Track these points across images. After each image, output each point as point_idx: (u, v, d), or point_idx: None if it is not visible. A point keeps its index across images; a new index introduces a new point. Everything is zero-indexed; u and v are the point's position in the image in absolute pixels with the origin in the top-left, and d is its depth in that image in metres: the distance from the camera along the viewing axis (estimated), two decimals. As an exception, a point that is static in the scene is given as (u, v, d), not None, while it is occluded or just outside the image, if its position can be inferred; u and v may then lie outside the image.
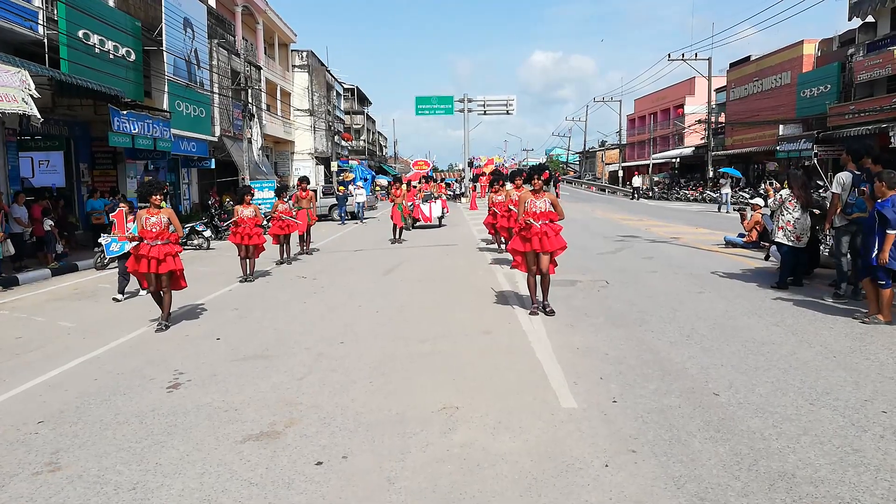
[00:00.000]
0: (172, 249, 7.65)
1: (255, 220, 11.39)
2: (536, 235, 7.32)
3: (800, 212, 8.58)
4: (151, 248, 7.49)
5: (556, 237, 7.43)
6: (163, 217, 7.65)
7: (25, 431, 4.48)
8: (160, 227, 7.58)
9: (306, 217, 15.22)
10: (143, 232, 7.55)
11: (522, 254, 7.56)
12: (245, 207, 11.52)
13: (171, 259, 7.60)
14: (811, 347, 5.90)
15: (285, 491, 3.46)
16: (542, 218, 7.39)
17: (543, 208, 7.43)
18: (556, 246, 7.43)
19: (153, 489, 3.53)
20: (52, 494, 3.52)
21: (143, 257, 7.50)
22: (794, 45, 34.78)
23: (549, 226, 7.41)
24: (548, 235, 7.33)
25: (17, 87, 11.69)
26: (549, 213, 7.45)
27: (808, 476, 3.45)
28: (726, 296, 8.45)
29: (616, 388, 4.94)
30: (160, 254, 7.49)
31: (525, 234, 7.47)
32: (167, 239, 7.62)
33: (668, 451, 3.81)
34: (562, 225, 7.65)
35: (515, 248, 7.62)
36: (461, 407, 4.66)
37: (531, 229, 7.36)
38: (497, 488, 3.44)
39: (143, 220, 7.56)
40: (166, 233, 7.64)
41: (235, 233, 11.38)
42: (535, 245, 7.34)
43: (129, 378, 5.67)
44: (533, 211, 7.42)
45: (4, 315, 9.07)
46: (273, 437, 4.19)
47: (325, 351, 6.35)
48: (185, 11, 22.30)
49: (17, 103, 11.55)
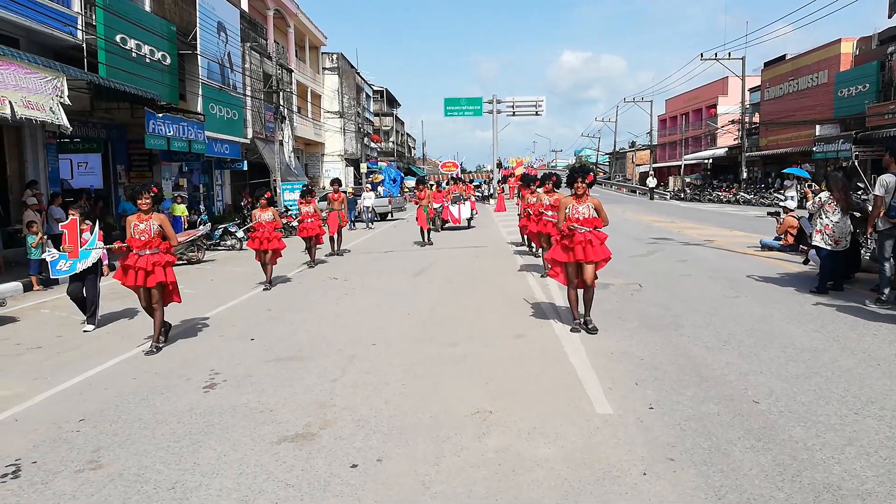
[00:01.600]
0: (162, 259, 6.80)
1: (274, 224, 10.93)
2: (580, 244, 6.69)
3: (839, 215, 8.37)
4: (139, 258, 6.69)
5: (600, 246, 6.79)
6: (153, 223, 6.79)
7: (67, 429, 4.58)
8: (149, 235, 6.74)
9: (337, 219, 15.22)
10: (130, 240, 6.76)
11: (563, 264, 6.95)
12: (262, 211, 11.04)
13: (160, 270, 6.75)
14: (854, 355, 5.74)
15: (321, 493, 3.48)
16: (586, 225, 6.74)
17: (587, 214, 6.76)
18: (601, 256, 6.80)
19: (192, 489, 3.57)
20: (94, 492, 3.59)
21: (131, 268, 6.73)
22: (831, 44, 34.03)
23: (593, 233, 6.75)
24: (592, 244, 6.70)
25: (48, 95, 11.92)
26: (594, 220, 6.77)
27: (854, 489, 3.36)
28: (763, 300, 8.28)
29: (652, 395, 4.87)
30: (147, 264, 6.67)
31: (566, 243, 6.83)
32: (156, 248, 6.78)
33: (707, 459, 3.74)
34: (606, 233, 7.00)
35: (555, 257, 6.98)
36: (494, 411, 4.63)
37: (574, 237, 6.73)
38: (534, 495, 3.41)
39: (131, 228, 6.78)
40: (156, 241, 6.78)
41: (253, 237, 10.96)
42: (578, 255, 6.71)
43: (166, 378, 5.76)
44: (575, 217, 6.76)
45: (45, 314, 9.30)
46: (308, 439, 4.22)
47: (357, 353, 6.38)
48: (219, 16, 22.65)
49: (44, 112, 11.77)
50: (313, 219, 13.50)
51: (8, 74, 11.08)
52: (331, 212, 15.15)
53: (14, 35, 13.91)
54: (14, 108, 10.88)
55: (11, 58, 11.19)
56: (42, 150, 15.86)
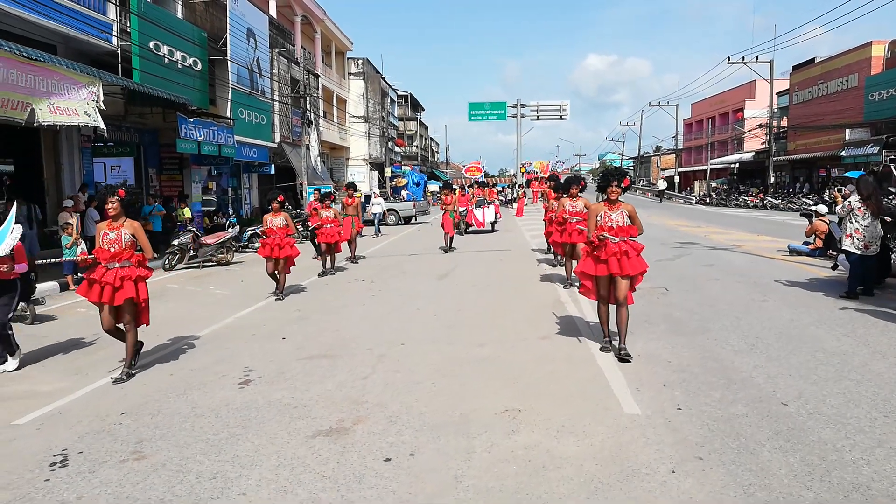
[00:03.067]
0: (133, 273, 5.96)
1: (286, 230, 10.16)
2: (613, 255, 5.97)
3: (870, 219, 8.31)
4: (107, 271, 5.88)
5: (636, 258, 6.06)
6: (124, 233, 5.97)
7: (110, 422, 4.75)
8: (119, 246, 5.93)
9: (351, 224, 14.75)
10: (98, 251, 5.98)
11: (593, 278, 6.21)
12: (274, 216, 10.24)
13: (130, 285, 5.91)
14: (885, 359, 5.71)
15: (357, 485, 3.59)
16: (620, 234, 6.03)
17: (621, 222, 6.05)
18: (637, 269, 6.06)
19: (232, 479, 3.71)
20: (139, 481, 3.74)
21: (96, 282, 5.91)
22: (861, 47, 33.56)
23: (628, 243, 6.03)
24: (627, 255, 5.97)
25: (82, 100, 12.26)
26: (628, 228, 6.07)
27: (884, 489, 3.38)
28: (792, 304, 8.24)
29: (680, 396, 4.91)
30: (115, 279, 5.85)
31: (598, 255, 6.10)
32: (127, 261, 5.96)
33: (736, 459, 3.78)
34: (643, 243, 6.37)
35: (585, 270, 6.24)
36: (523, 410, 4.71)
37: (606, 248, 6.01)
38: (563, 490, 3.48)
39: (99, 237, 6.01)
40: (127, 253, 5.97)
41: (264, 244, 10.19)
42: (611, 267, 5.99)
43: (202, 374, 5.93)
44: (608, 225, 6.05)
45: (81, 313, 9.55)
46: (342, 434, 4.34)
47: (386, 352, 6.49)
48: (249, 22, 23.04)
49: (77, 116, 12.11)
50: (333, 224, 12.89)
51: (39, 80, 11.44)
52: (345, 217, 14.63)
53: (52, 42, 14.34)
54: (37, 113, 11.20)
55: (49, 64, 11.55)
56: (77, 154, 16.31)
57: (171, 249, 14.62)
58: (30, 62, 11.02)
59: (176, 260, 14.56)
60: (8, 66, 10.50)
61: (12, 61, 10.63)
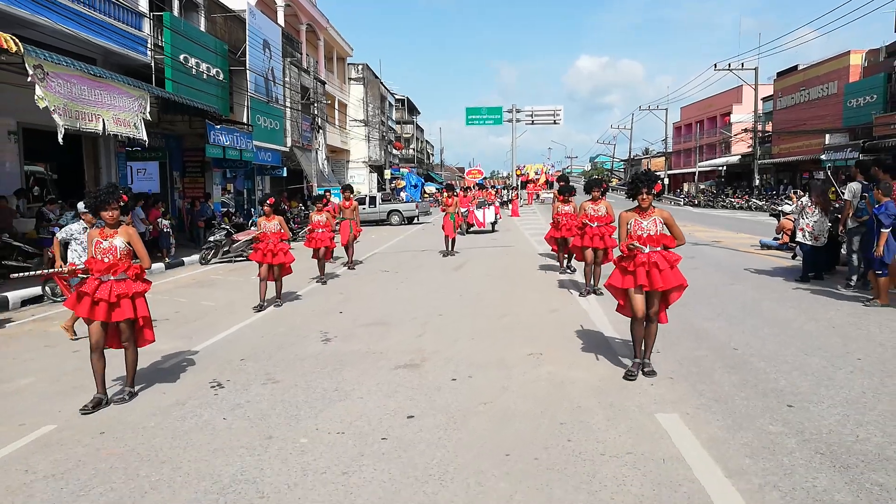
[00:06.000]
0: (130, 289, 5.30)
1: (281, 235, 9.70)
2: (642, 266, 5.47)
3: (818, 216, 10.03)
4: (100, 285, 5.23)
5: (670, 271, 5.52)
6: (118, 241, 5.31)
7: (235, 364, 6.35)
8: (115, 257, 5.29)
9: (349, 228, 13.76)
10: (90, 262, 5.33)
11: (623, 291, 5.68)
12: (268, 220, 9.79)
13: (127, 304, 5.27)
14: (817, 322, 7.43)
15: (436, 392, 5.25)
16: (652, 243, 5.51)
17: (653, 231, 5.53)
18: (672, 283, 5.51)
19: (349, 391, 5.35)
20: (283, 391, 5.38)
21: (88, 296, 5.21)
22: (840, 56, 35.51)
23: (660, 254, 5.50)
24: (659, 267, 5.43)
25: (134, 112, 13.85)
26: (662, 237, 5.53)
27: (791, 390, 5.05)
28: (755, 287, 9.97)
29: (659, 345, 6.51)
30: (111, 295, 5.20)
31: (626, 265, 5.61)
32: (123, 273, 5.31)
33: (696, 379, 5.46)
34: (681, 254, 5.90)
35: (613, 283, 5.75)
36: (543, 353, 6.38)
37: (635, 258, 5.52)
38: (577, 394, 5.15)
39: (92, 246, 5.34)
40: (123, 264, 5.33)
41: (257, 249, 9.66)
42: (640, 279, 5.47)
43: (287, 336, 7.56)
44: (639, 234, 5.55)
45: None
46: (416, 367, 6.00)
47: (429, 321, 8.15)
48: (265, 34, 24.64)
49: (129, 128, 13.68)
50: (324, 229, 11.96)
51: (104, 95, 13.02)
52: (342, 220, 13.82)
53: (92, 55, 15.84)
54: (106, 124, 12.79)
55: (110, 80, 13.13)
56: (114, 158, 17.85)
57: (208, 245, 16.24)
58: (95, 78, 12.58)
59: (211, 255, 16.16)
60: (81, 82, 12.06)
61: (83, 78, 12.19)
